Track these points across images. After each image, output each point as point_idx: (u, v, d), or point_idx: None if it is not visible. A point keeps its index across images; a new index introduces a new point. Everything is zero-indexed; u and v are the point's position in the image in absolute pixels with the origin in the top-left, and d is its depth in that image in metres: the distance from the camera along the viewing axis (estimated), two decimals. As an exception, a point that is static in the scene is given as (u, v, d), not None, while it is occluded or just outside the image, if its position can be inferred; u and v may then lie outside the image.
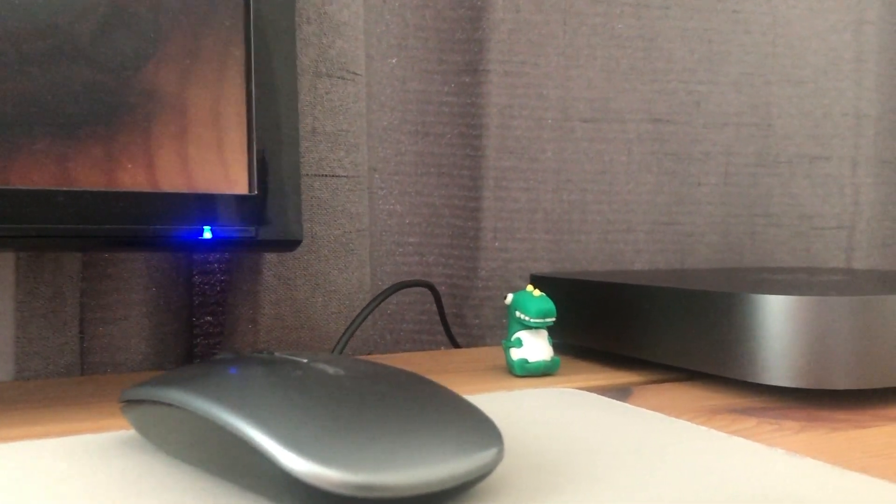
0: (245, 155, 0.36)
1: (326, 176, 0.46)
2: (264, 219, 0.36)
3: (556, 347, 0.52)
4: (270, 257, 0.45)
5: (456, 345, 0.54)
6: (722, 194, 0.67)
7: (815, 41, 0.67)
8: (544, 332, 0.43)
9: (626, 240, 0.66)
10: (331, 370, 0.24)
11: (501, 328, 0.64)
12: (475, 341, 0.64)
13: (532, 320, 0.42)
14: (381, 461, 0.20)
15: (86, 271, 0.43)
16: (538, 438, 0.29)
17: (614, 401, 0.35)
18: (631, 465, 0.25)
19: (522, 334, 0.43)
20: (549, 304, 0.42)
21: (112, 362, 0.43)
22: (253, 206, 0.35)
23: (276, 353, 0.27)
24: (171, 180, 0.34)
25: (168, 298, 0.46)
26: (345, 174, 0.47)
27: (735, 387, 0.39)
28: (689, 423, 0.31)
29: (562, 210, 0.64)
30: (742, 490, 0.23)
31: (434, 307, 0.66)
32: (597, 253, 0.65)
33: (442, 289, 0.64)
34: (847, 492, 0.23)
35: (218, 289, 0.48)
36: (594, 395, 0.36)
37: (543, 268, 0.65)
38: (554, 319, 0.42)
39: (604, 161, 0.64)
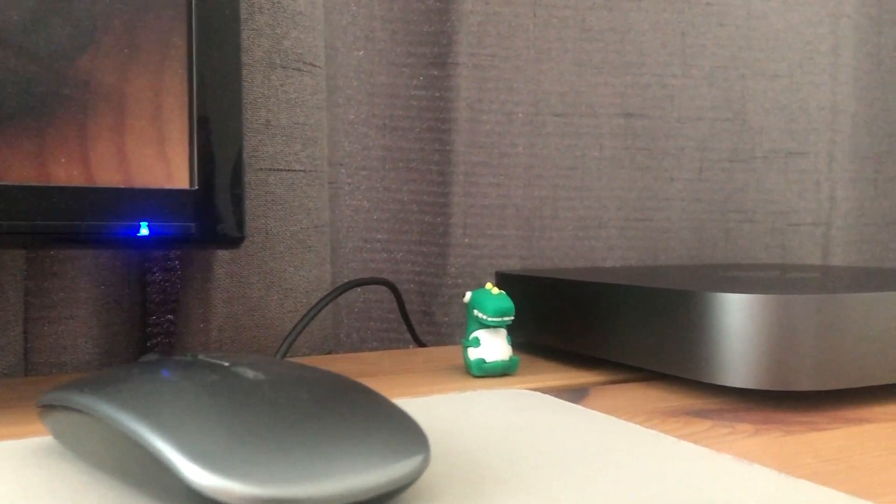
0: (186, 148, 0.34)
1: (282, 170, 0.45)
2: (205, 215, 0.34)
3: (522, 347, 0.51)
4: (222, 254, 0.44)
5: (420, 343, 0.53)
6: (695, 190, 0.66)
7: (790, 34, 0.66)
8: (503, 331, 0.42)
9: (598, 236, 0.64)
10: (251, 375, 0.23)
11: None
12: (444, 339, 0.63)
13: (489, 319, 0.41)
14: (292, 473, 0.19)
15: (30, 269, 0.42)
16: (479, 442, 0.27)
17: (567, 403, 0.34)
18: (570, 470, 0.24)
19: (480, 333, 0.41)
20: (508, 303, 0.41)
21: (57, 362, 0.42)
22: (193, 202, 0.34)
23: (201, 356, 0.26)
24: (107, 175, 0.33)
25: (119, 296, 0.45)
26: (302, 168, 0.46)
27: (693, 388, 0.38)
28: (638, 426, 0.30)
29: (532, 206, 0.63)
30: (683, 498, 0.22)
31: (408, 306, 0.64)
32: (568, 250, 0.64)
33: (410, 286, 0.63)
34: (789, 500, 0.22)
35: (171, 286, 0.47)
36: (547, 397, 0.35)
37: (514, 265, 0.63)
38: (512, 318, 0.41)
39: (575, 156, 0.63)
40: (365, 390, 0.24)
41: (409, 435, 0.22)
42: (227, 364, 0.24)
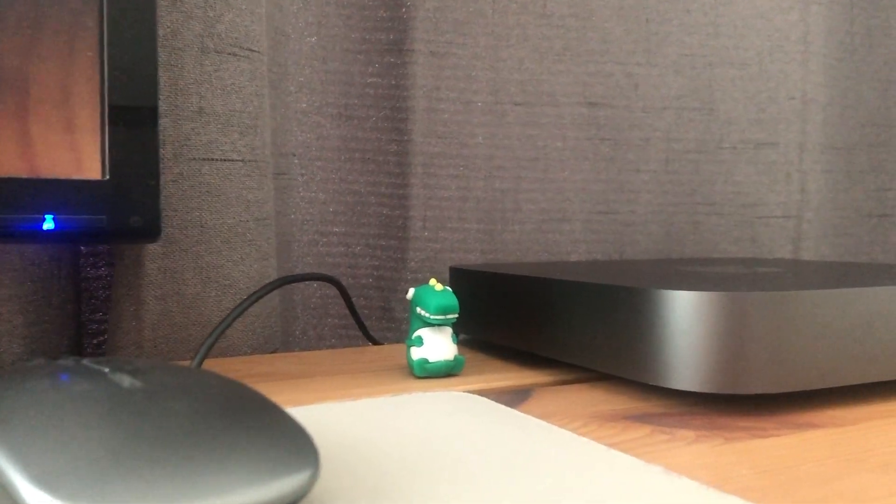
0: (97, 137, 0.32)
1: (216, 160, 0.43)
2: (117, 207, 0.32)
3: (475, 345, 0.49)
4: (154, 248, 0.42)
5: (373, 341, 0.51)
6: (662, 182, 0.64)
7: (759, 21, 0.65)
8: (448, 330, 0.40)
9: (562, 230, 0.63)
10: (127, 383, 0.21)
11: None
12: (404, 336, 0.61)
13: (432, 317, 0.39)
14: (145, 496, 0.17)
15: (-54, 265, 0.39)
16: (394, 451, 0.25)
17: (503, 407, 0.32)
18: (480, 481, 0.22)
19: (423, 332, 0.40)
20: (451, 300, 0.39)
21: (-24, 363, 0.40)
22: (104, 193, 0.32)
23: (85, 361, 0.24)
24: (8, 163, 0.31)
25: (48, 293, 0.43)
26: (239, 158, 0.44)
27: (640, 390, 0.36)
28: (571, 434, 0.28)
29: (494, 198, 0.61)
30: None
31: (366, 301, 0.62)
32: (531, 244, 0.62)
33: (369, 281, 0.61)
34: (710, 521, 0.20)
35: (104, 283, 0.45)
36: (484, 401, 0.33)
37: (475, 259, 0.61)
38: (456, 316, 0.39)
39: (537, 147, 0.61)
40: (256, 400, 0.22)
41: (295, 449, 0.20)
42: (106, 370, 0.22)
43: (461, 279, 0.48)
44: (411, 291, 0.40)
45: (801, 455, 0.27)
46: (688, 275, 0.40)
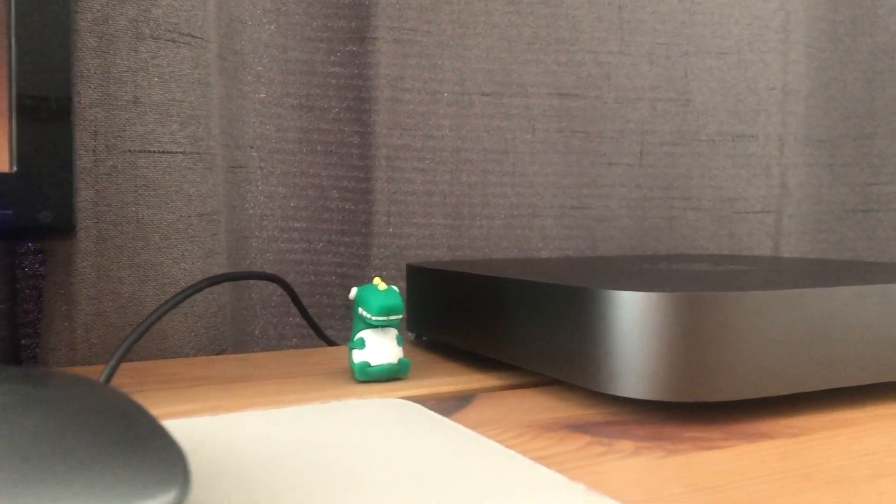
0: (4, 126, 0.30)
1: (154, 152, 0.41)
2: (26, 201, 0.30)
3: (430, 346, 0.47)
4: (85, 245, 0.40)
5: (328, 342, 0.49)
6: (636, 176, 0.62)
7: (737, 9, 0.62)
8: (392, 332, 0.38)
9: (532, 225, 0.60)
10: (-20, 395, 0.19)
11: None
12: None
13: (374, 318, 0.37)
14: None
15: None
16: (290, 463, 0.23)
17: (436, 415, 0.30)
18: (376, 498, 0.20)
19: (366, 334, 0.37)
20: (395, 300, 0.37)
21: None
22: (11, 187, 0.30)
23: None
24: None
25: (-22, 292, 0.41)
26: (180, 150, 0.42)
27: (589, 396, 0.34)
28: (498, 446, 0.26)
29: (461, 193, 0.59)
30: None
31: (329, 300, 0.60)
32: (500, 240, 0.60)
33: (332, 278, 0.59)
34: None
35: (37, 282, 0.43)
36: (418, 408, 0.31)
37: (442, 255, 0.59)
38: (400, 317, 0.37)
39: (506, 139, 0.59)
40: (128, 414, 0.20)
41: (158, 469, 0.18)
42: (-35, 381, 0.20)
43: (418, 277, 0.46)
44: (354, 291, 0.38)
45: (744, 469, 0.24)
46: (643, 273, 0.38)
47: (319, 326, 0.52)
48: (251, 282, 0.57)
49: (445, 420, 0.29)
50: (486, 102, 0.58)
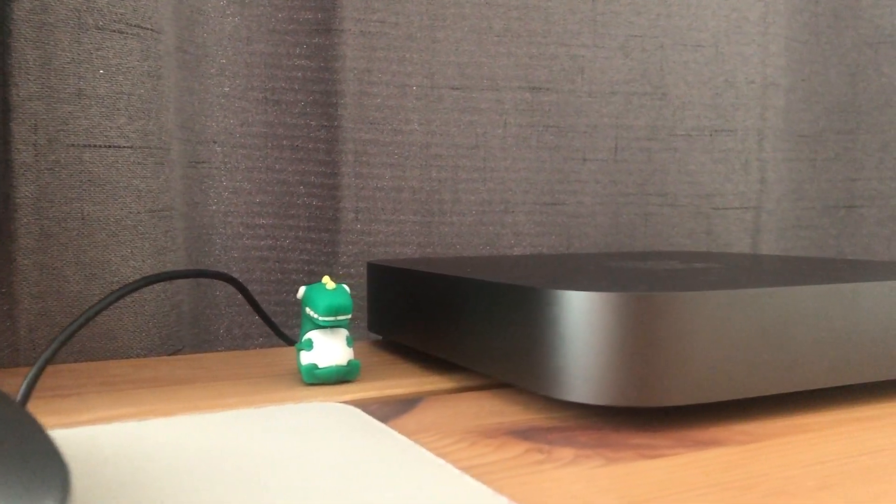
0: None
1: (100, 146, 0.40)
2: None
3: (389, 348, 0.46)
4: (27, 242, 0.38)
5: (288, 342, 0.48)
6: (611, 171, 0.60)
7: (714, 0, 0.61)
8: (342, 332, 0.36)
9: (504, 222, 0.59)
10: None
11: (365, 321, 0.58)
12: (335, 334, 0.58)
13: (321, 318, 0.35)
14: None
15: None
16: (198, 471, 0.22)
17: (374, 421, 0.28)
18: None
19: (314, 335, 0.36)
20: (342, 299, 0.35)
21: None
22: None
23: None
24: None
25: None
26: (128, 145, 0.41)
27: (538, 400, 0.33)
28: (430, 454, 0.24)
29: (431, 189, 0.58)
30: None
31: (296, 298, 0.59)
32: (471, 237, 0.59)
33: (299, 276, 0.57)
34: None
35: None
36: (358, 414, 0.29)
37: (412, 253, 0.58)
38: (348, 317, 0.36)
39: (477, 134, 0.58)
40: (9, 424, 0.19)
41: (32, 484, 0.17)
42: None
43: (377, 276, 0.45)
44: (301, 290, 0.37)
45: (684, 480, 0.23)
46: (601, 272, 0.37)
47: (277, 325, 0.51)
48: (215, 279, 0.56)
49: (382, 426, 0.28)
50: (456, 96, 0.57)
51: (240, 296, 0.57)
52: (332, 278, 0.57)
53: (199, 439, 0.26)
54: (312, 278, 0.58)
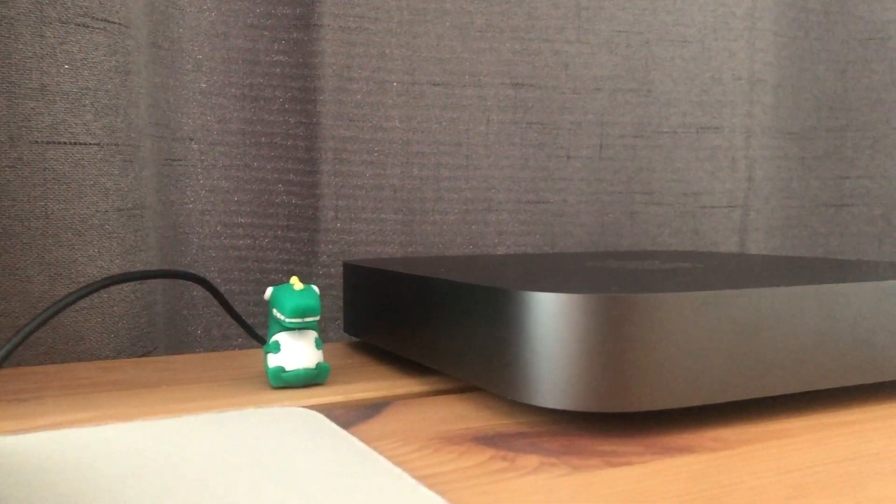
0: None
1: (65, 143, 0.39)
2: None
3: (364, 350, 0.45)
4: (-12, 243, 0.37)
5: (261, 342, 0.47)
6: (596, 169, 0.59)
7: (701, -5, 0.60)
8: (311, 334, 0.36)
9: (488, 220, 0.58)
10: None
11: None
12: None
13: (287, 320, 0.34)
14: None
15: None
16: (132, 481, 0.21)
17: (335, 427, 0.27)
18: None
19: (281, 337, 0.35)
20: (310, 301, 0.35)
21: None
22: None
23: None
24: None
25: None
26: (94, 142, 0.40)
27: (507, 404, 0.32)
28: (388, 463, 0.23)
29: (412, 187, 0.57)
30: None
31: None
32: (454, 236, 0.58)
33: (279, 276, 0.57)
34: None
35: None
36: (319, 419, 0.28)
37: (393, 252, 0.57)
38: (316, 319, 0.35)
39: (459, 131, 0.57)
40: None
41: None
42: None
43: (352, 276, 0.44)
44: (269, 291, 0.36)
45: (649, 490, 0.22)
46: (574, 272, 0.36)
47: (252, 326, 0.50)
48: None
49: (342, 433, 0.27)
50: (438, 93, 0.56)
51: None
52: (303, 279, 0.56)
53: (151, 445, 0.25)
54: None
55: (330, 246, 0.56)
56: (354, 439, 0.26)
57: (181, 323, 0.55)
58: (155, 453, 0.25)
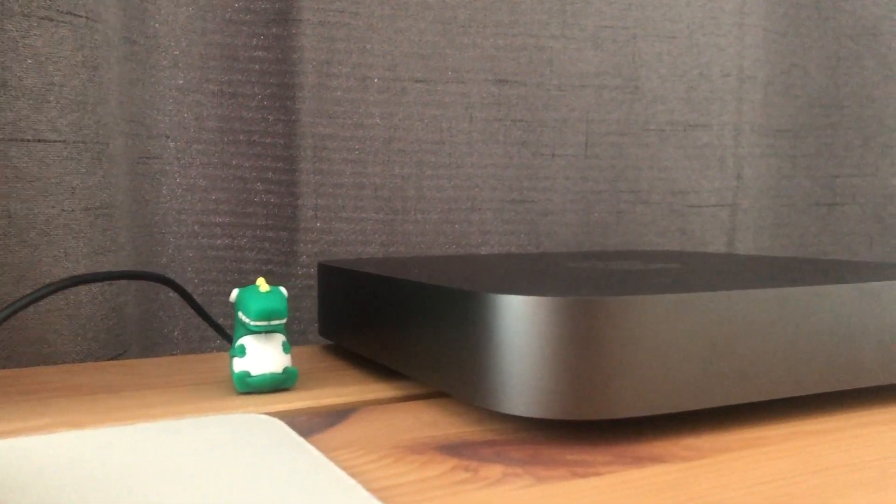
0: None
1: (28, 141, 0.37)
2: None
3: (339, 353, 0.44)
4: (-52, 243, 0.36)
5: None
6: (581, 167, 0.58)
7: (689, -10, 0.59)
8: (278, 338, 0.34)
9: (471, 220, 0.57)
10: None
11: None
12: (295, 339, 0.56)
13: (252, 323, 0.33)
14: None
15: None
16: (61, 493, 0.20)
17: (294, 436, 0.26)
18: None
19: (247, 340, 0.34)
20: (276, 303, 0.33)
21: None
22: None
23: None
24: None
25: None
26: (60, 139, 0.39)
27: (477, 411, 0.31)
28: (342, 473, 0.22)
29: (394, 185, 0.56)
30: None
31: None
32: (436, 235, 0.57)
33: (257, 276, 0.55)
34: None
35: None
36: (278, 427, 0.27)
37: (375, 252, 0.56)
38: (282, 322, 0.34)
39: (441, 128, 0.56)
40: None
41: None
42: None
43: (327, 277, 0.43)
44: (234, 293, 0.35)
45: (614, 502, 0.21)
46: (549, 274, 0.35)
47: (224, 328, 0.49)
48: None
49: (301, 442, 0.26)
50: (420, 89, 0.55)
51: (196, 295, 0.55)
52: (282, 279, 0.55)
53: (97, 455, 0.24)
54: (271, 279, 0.56)
55: (310, 246, 0.55)
56: (312, 449, 0.25)
57: (157, 325, 0.54)
58: (99, 463, 0.24)
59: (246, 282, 0.55)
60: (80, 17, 0.39)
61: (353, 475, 0.24)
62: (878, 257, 0.67)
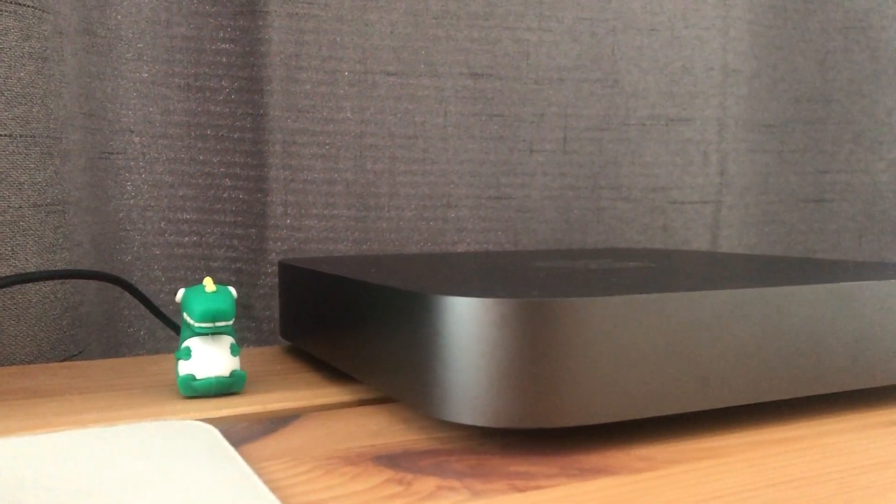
0: None
1: (-30, 136, 0.36)
2: None
3: (300, 356, 0.42)
4: None
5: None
6: (560, 163, 0.57)
7: (671, -19, 0.57)
8: (226, 340, 0.33)
9: (447, 217, 0.56)
10: None
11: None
12: (265, 338, 0.54)
13: (197, 325, 0.32)
14: None
15: None
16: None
17: (223, 444, 0.25)
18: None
19: (193, 343, 0.33)
20: (222, 304, 0.32)
21: None
22: None
23: None
24: None
25: None
26: (6, 133, 0.37)
27: (424, 418, 0.30)
28: (264, 488, 0.21)
29: (366, 181, 0.54)
30: None
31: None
32: (411, 232, 0.55)
33: (226, 275, 0.54)
34: None
35: None
36: (209, 434, 0.26)
37: (347, 249, 0.55)
38: (228, 324, 0.32)
39: (415, 123, 0.54)
40: None
41: None
42: None
43: (287, 276, 0.42)
44: (180, 293, 0.33)
45: (548, 523, 0.20)
46: (501, 274, 0.33)
47: (179, 326, 0.47)
48: (132, 279, 0.52)
49: (230, 452, 0.24)
50: (392, 83, 0.53)
51: (162, 296, 0.54)
52: (251, 277, 0.53)
53: (19, 464, 0.23)
54: (241, 277, 0.54)
55: (279, 243, 0.53)
56: (240, 459, 0.24)
57: (122, 325, 0.52)
58: (11, 474, 0.22)
59: (215, 280, 0.54)
60: (27, 6, 0.38)
61: (276, 489, 0.22)
62: (868, 255, 0.65)
